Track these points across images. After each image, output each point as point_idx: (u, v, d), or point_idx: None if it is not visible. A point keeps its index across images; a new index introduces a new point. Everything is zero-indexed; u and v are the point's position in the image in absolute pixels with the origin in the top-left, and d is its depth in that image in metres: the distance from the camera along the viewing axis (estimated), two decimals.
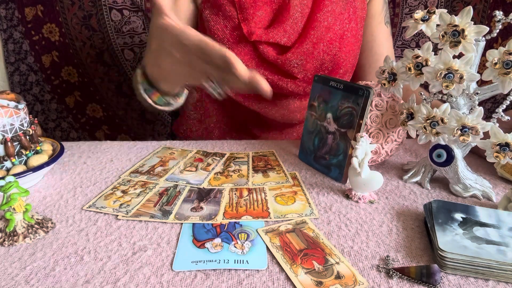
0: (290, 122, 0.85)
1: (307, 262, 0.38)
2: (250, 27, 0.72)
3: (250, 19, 0.72)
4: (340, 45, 0.75)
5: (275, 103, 0.81)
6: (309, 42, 0.73)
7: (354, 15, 0.77)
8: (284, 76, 0.76)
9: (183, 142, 0.74)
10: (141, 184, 0.55)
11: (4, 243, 0.41)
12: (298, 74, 0.76)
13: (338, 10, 0.75)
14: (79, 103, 1.39)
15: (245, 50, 0.74)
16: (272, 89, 0.72)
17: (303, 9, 0.74)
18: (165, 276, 0.37)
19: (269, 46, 0.74)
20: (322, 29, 0.73)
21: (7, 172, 0.53)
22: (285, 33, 0.73)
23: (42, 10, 1.26)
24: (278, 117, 0.83)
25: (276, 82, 0.76)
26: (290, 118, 0.84)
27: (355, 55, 0.79)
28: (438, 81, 0.48)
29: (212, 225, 0.45)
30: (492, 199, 0.52)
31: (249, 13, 0.72)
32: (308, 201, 0.51)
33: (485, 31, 0.45)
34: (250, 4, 0.72)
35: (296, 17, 0.73)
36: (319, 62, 0.76)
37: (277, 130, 0.88)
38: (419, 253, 0.40)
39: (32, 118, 0.59)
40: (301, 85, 0.77)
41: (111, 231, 0.44)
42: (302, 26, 0.74)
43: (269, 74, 0.76)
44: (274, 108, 0.82)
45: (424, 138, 0.52)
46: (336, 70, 0.77)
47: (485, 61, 0.46)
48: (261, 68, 0.75)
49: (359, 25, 0.78)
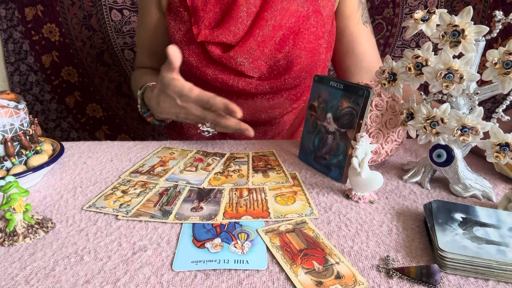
0: (257, 122, 0.86)
1: (307, 262, 0.38)
2: (200, 29, 0.75)
3: (200, 21, 0.75)
4: (294, 42, 0.76)
5: (238, 102, 0.82)
6: (253, 41, 0.74)
7: (315, 12, 0.77)
8: (236, 75, 0.78)
9: (183, 142, 0.74)
10: (141, 184, 0.55)
11: (4, 243, 0.41)
12: (249, 72, 0.77)
13: (293, 7, 0.75)
14: (79, 103, 1.39)
15: (196, 51, 0.77)
16: (226, 88, 0.81)
17: (249, 8, 0.75)
18: (165, 276, 0.37)
19: (216, 46, 0.76)
20: (270, 27, 0.74)
21: (7, 172, 0.53)
22: (229, 32, 0.74)
23: (42, 10, 1.26)
24: (243, 117, 0.84)
25: (227, 81, 0.78)
26: (256, 117, 0.85)
27: (313, 51, 0.78)
28: (438, 81, 0.48)
29: (212, 225, 0.45)
30: (492, 199, 0.52)
31: (200, 16, 0.75)
32: (308, 201, 0.51)
33: (485, 31, 0.45)
34: (201, 7, 0.75)
35: (242, 17, 0.74)
36: (272, 60, 0.77)
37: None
38: (419, 253, 0.40)
39: (32, 118, 0.59)
40: (255, 82, 0.78)
41: (111, 231, 0.44)
42: (248, 25, 0.75)
43: (219, 73, 0.78)
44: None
45: (424, 138, 0.52)
46: (291, 67, 0.77)
47: (485, 61, 0.46)
48: (211, 67, 0.78)
49: (321, 22, 0.78)
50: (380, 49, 1.31)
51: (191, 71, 0.80)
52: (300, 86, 0.83)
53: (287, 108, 0.85)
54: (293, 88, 0.82)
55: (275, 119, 0.87)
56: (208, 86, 0.81)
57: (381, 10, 1.28)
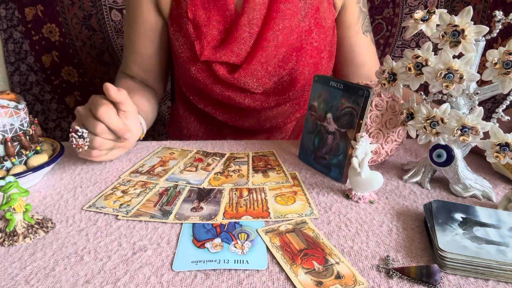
0: (261, 130, 0.87)
1: (307, 262, 0.38)
2: (202, 46, 0.73)
3: (203, 38, 0.73)
4: (297, 58, 0.75)
5: (243, 113, 0.83)
6: (256, 63, 0.74)
7: (316, 25, 0.76)
8: (242, 92, 0.77)
9: (183, 142, 0.74)
10: (141, 184, 0.55)
11: (4, 243, 0.41)
12: (255, 89, 0.76)
13: (294, 23, 0.74)
14: (79, 103, 1.39)
15: (202, 67, 0.75)
16: (233, 104, 0.79)
17: (252, 29, 0.73)
18: (165, 276, 0.37)
19: (221, 65, 0.74)
20: (272, 48, 0.73)
21: (7, 172, 0.53)
22: (232, 53, 0.73)
23: (42, 10, 1.26)
24: (248, 126, 0.85)
25: (233, 98, 0.77)
26: (260, 126, 0.85)
27: (316, 65, 0.78)
28: (438, 81, 0.48)
29: (212, 225, 0.45)
30: (492, 199, 0.52)
31: (202, 32, 0.73)
32: (308, 201, 0.51)
33: (485, 31, 0.45)
34: (204, 23, 0.73)
35: (244, 37, 0.73)
36: (276, 77, 0.76)
37: (251, 136, 0.89)
38: (419, 253, 0.40)
39: (32, 118, 0.59)
40: (260, 99, 0.78)
41: (111, 231, 0.44)
42: (251, 45, 0.74)
43: (226, 90, 0.77)
44: (242, 118, 0.83)
45: (424, 138, 0.52)
46: (295, 82, 0.77)
47: (485, 61, 0.46)
48: (218, 85, 0.77)
49: (323, 35, 0.78)
50: (380, 49, 1.31)
51: (199, 87, 0.79)
52: (303, 96, 0.83)
53: (290, 117, 0.86)
54: (296, 98, 0.82)
55: (278, 127, 0.87)
56: (215, 101, 0.81)
57: (381, 10, 1.28)
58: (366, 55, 0.84)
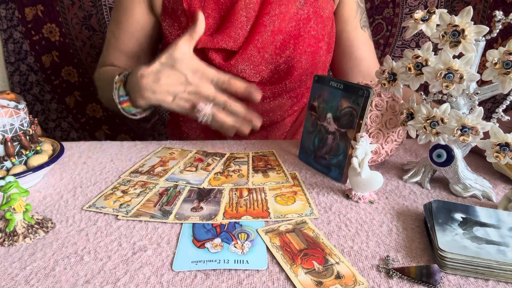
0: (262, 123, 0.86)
1: (307, 262, 0.38)
2: None
3: None
4: (294, 46, 0.75)
5: None
6: (253, 48, 0.73)
7: (315, 14, 0.76)
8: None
9: (183, 142, 0.74)
10: (141, 184, 0.55)
11: (4, 243, 0.41)
12: (251, 78, 0.76)
13: (292, 10, 0.74)
14: (79, 103, 1.39)
15: (198, 57, 0.74)
16: (228, 93, 0.77)
17: (249, 13, 0.73)
18: (165, 276, 0.37)
19: (217, 53, 0.74)
20: (269, 33, 0.73)
21: (7, 172, 0.53)
22: (229, 38, 0.73)
23: (42, 10, 1.26)
24: None
25: None
26: None
27: (313, 54, 0.78)
28: (438, 81, 0.48)
29: (212, 225, 0.45)
30: (492, 199, 0.52)
31: None
32: (308, 201, 0.51)
33: (485, 31, 0.45)
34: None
35: (241, 21, 0.73)
36: (272, 64, 0.76)
37: (249, 133, 0.87)
38: (419, 253, 0.40)
39: (32, 118, 0.59)
40: (258, 87, 0.78)
41: (111, 231, 0.44)
42: (248, 30, 0.74)
43: None
44: None
45: (424, 138, 0.52)
46: (292, 71, 0.77)
47: (485, 61, 0.46)
48: None
49: (321, 24, 0.77)
50: (380, 49, 1.31)
51: None
52: (301, 88, 0.83)
53: (287, 111, 0.85)
54: (293, 90, 0.82)
55: (276, 122, 0.87)
56: None
57: (381, 10, 1.28)
58: (364, 50, 0.84)
